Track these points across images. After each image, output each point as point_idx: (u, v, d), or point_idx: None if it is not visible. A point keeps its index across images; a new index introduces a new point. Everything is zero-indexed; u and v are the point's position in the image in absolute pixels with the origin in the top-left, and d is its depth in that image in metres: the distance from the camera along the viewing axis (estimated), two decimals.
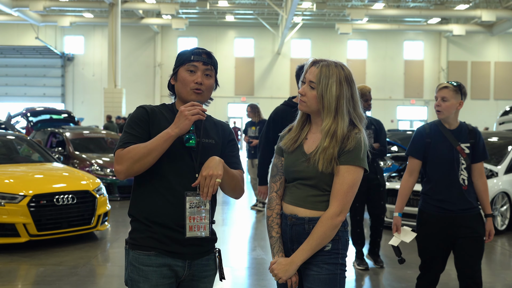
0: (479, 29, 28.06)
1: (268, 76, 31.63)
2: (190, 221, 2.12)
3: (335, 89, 2.15)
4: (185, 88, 2.18)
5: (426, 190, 3.52)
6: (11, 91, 31.56)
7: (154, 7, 24.92)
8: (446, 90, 3.39)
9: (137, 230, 2.16)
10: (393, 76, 31.82)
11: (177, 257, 2.13)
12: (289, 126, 2.37)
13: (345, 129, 2.16)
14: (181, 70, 2.19)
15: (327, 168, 2.14)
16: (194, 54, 2.19)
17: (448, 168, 3.40)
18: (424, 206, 3.52)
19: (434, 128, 3.49)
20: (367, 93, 5.30)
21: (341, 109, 2.16)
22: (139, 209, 2.17)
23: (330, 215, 2.14)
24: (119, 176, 2.11)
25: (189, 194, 2.12)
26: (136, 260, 2.13)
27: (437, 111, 3.44)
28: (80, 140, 10.93)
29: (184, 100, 2.20)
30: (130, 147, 2.07)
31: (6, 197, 5.89)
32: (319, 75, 2.17)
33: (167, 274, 2.12)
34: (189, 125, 2.05)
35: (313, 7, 25.80)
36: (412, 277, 5.23)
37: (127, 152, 2.06)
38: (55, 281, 4.91)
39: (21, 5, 22.97)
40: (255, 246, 6.64)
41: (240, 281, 5.17)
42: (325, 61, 2.21)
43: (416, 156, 3.52)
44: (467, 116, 30.62)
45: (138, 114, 2.18)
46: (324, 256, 2.19)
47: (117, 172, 2.10)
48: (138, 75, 31.19)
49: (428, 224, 3.48)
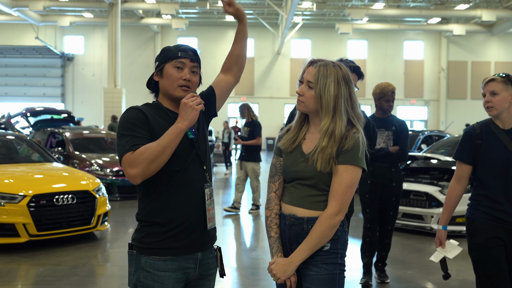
0: (479, 29, 28.05)
1: (268, 76, 31.63)
2: (208, 213, 2.18)
3: (333, 88, 2.16)
4: (172, 84, 2.17)
5: (477, 196, 3.13)
6: (11, 91, 31.56)
7: (154, 7, 24.91)
8: (494, 83, 3.05)
9: (152, 234, 2.12)
10: (393, 76, 31.80)
11: (195, 251, 2.16)
12: (288, 126, 2.38)
13: (343, 129, 2.17)
14: (168, 67, 2.17)
15: (326, 167, 2.15)
16: (181, 51, 2.17)
17: (502, 173, 3.00)
18: (474, 214, 3.10)
19: (485, 128, 3.11)
20: (389, 93, 4.84)
21: (339, 108, 2.17)
22: (158, 212, 2.13)
23: (328, 214, 2.15)
24: (135, 180, 2.02)
25: (206, 186, 2.18)
26: (151, 265, 2.11)
27: (487, 108, 3.07)
28: (80, 140, 10.93)
29: (171, 96, 2.19)
30: (141, 149, 2.00)
31: (6, 197, 5.89)
32: (317, 75, 2.18)
33: (181, 278, 2.15)
34: (197, 115, 2.05)
35: (313, 7, 25.80)
36: (412, 277, 5.23)
37: (140, 154, 1.99)
38: (55, 281, 4.91)
39: (21, 5, 22.96)
40: (255, 246, 6.64)
41: (240, 281, 5.17)
42: (322, 61, 2.22)
43: (465, 160, 3.14)
44: (467, 116, 30.64)
45: (136, 116, 2.12)
46: (323, 256, 2.19)
47: (132, 177, 2.00)
48: (138, 75, 31.18)
49: (481, 234, 3.03)
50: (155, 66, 2.24)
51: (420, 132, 13.24)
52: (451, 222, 7.07)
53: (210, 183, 2.23)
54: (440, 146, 8.97)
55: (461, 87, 31.97)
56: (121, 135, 2.08)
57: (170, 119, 2.17)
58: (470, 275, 5.35)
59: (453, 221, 7.06)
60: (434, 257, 3.23)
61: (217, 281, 2.26)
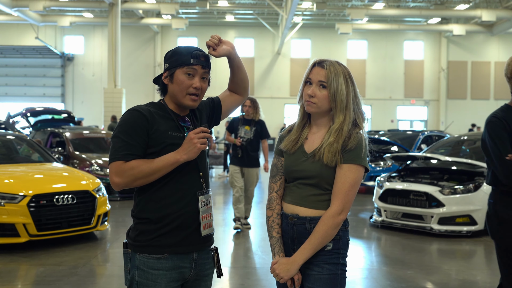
0: (479, 29, 28.05)
1: (268, 76, 31.63)
2: (203, 220, 2.18)
3: (345, 87, 2.19)
4: (181, 92, 2.16)
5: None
6: (11, 91, 31.56)
7: (154, 7, 24.91)
8: None
9: (146, 232, 2.14)
10: (393, 76, 31.81)
11: (190, 251, 2.16)
12: (289, 126, 2.38)
13: (350, 125, 2.20)
14: (179, 72, 2.15)
15: (332, 161, 2.16)
16: (193, 57, 2.15)
17: None
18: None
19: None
20: None
21: (349, 106, 2.20)
22: (151, 210, 2.15)
23: (331, 214, 2.15)
24: (116, 188, 2.13)
25: (200, 193, 2.18)
26: (145, 264, 2.12)
27: None
28: (80, 140, 10.93)
29: (178, 102, 2.19)
30: (133, 163, 2.06)
31: (6, 197, 5.89)
32: (329, 75, 2.19)
33: (175, 277, 2.15)
34: (198, 153, 2.10)
35: (313, 7, 25.80)
36: (412, 277, 5.23)
37: (130, 169, 2.07)
38: (55, 281, 4.91)
39: (21, 5, 22.96)
40: (255, 246, 6.64)
41: (240, 281, 5.17)
42: (328, 61, 2.24)
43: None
44: (467, 116, 30.64)
45: (137, 120, 2.11)
46: (325, 256, 2.20)
47: (114, 184, 2.11)
48: (138, 75, 31.18)
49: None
50: (164, 66, 2.22)
51: (420, 132, 13.24)
52: (451, 222, 7.07)
53: (207, 190, 2.23)
54: (440, 146, 8.97)
55: (461, 87, 31.97)
56: (117, 137, 2.11)
57: (173, 121, 2.19)
58: (470, 275, 5.35)
59: (453, 221, 7.07)
60: None
61: (217, 281, 2.27)
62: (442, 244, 6.73)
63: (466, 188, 7.06)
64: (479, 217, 6.99)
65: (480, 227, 7.01)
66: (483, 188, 7.06)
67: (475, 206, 6.99)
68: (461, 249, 6.55)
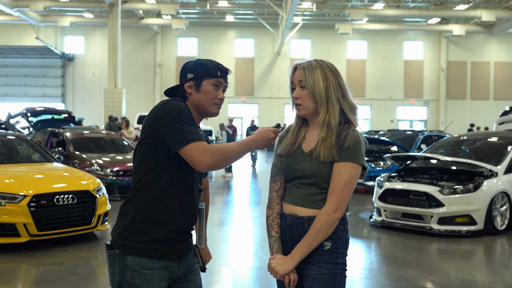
0: (479, 29, 28.07)
1: (268, 76, 31.65)
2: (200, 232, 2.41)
3: (322, 80, 2.21)
4: (208, 101, 2.27)
5: None
6: (11, 91, 31.58)
7: (154, 7, 24.93)
8: None
9: (142, 233, 2.15)
10: (393, 76, 31.83)
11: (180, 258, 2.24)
12: (288, 127, 2.39)
13: (337, 117, 2.21)
14: (206, 83, 2.26)
15: (328, 157, 2.17)
16: (220, 71, 2.28)
17: None
18: None
19: None
20: None
21: (331, 97, 2.22)
22: (154, 212, 2.16)
23: (326, 211, 2.16)
24: (202, 167, 2.09)
25: (201, 205, 2.36)
26: (138, 264, 2.14)
27: None
28: (81, 140, 10.93)
29: (203, 111, 2.29)
30: (221, 146, 2.13)
31: (6, 197, 5.90)
32: (304, 73, 2.23)
33: (166, 276, 2.20)
34: (269, 144, 2.22)
35: (313, 7, 25.82)
36: (412, 277, 5.24)
37: (219, 149, 2.12)
38: (55, 281, 4.92)
39: (21, 5, 22.98)
40: (255, 246, 6.65)
41: (240, 281, 5.18)
42: (304, 61, 2.29)
43: None
44: (467, 116, 30.65)
45: (190, 111, 2.19)
46: (324, 256, 2.20)
47: (204, 163, 2.08)
48: (138, 75, 31.21)
49: None
50: (188, 76, 2.27)
51: (420, 132, 13.25)
52: (451, 222, 7.08)
53: (202, 204, 2.41)
54: (440, 146, 8.98)
55: (460, 87, 31.98)
56: (184, 123, 2.12)
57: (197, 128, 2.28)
58: (470, 275, 5.36)
59: (453, 221, 7.08)
60: None
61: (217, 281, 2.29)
62: (442, 244, 6.74)
63: (466, 188, 7.07)
64: (478, 217, 7.00)
65: (480, 227, 7.02)
66: (483, 188, 7.07)
67: (475, 206, 7.00)
68: (460, 249, 6.56)
